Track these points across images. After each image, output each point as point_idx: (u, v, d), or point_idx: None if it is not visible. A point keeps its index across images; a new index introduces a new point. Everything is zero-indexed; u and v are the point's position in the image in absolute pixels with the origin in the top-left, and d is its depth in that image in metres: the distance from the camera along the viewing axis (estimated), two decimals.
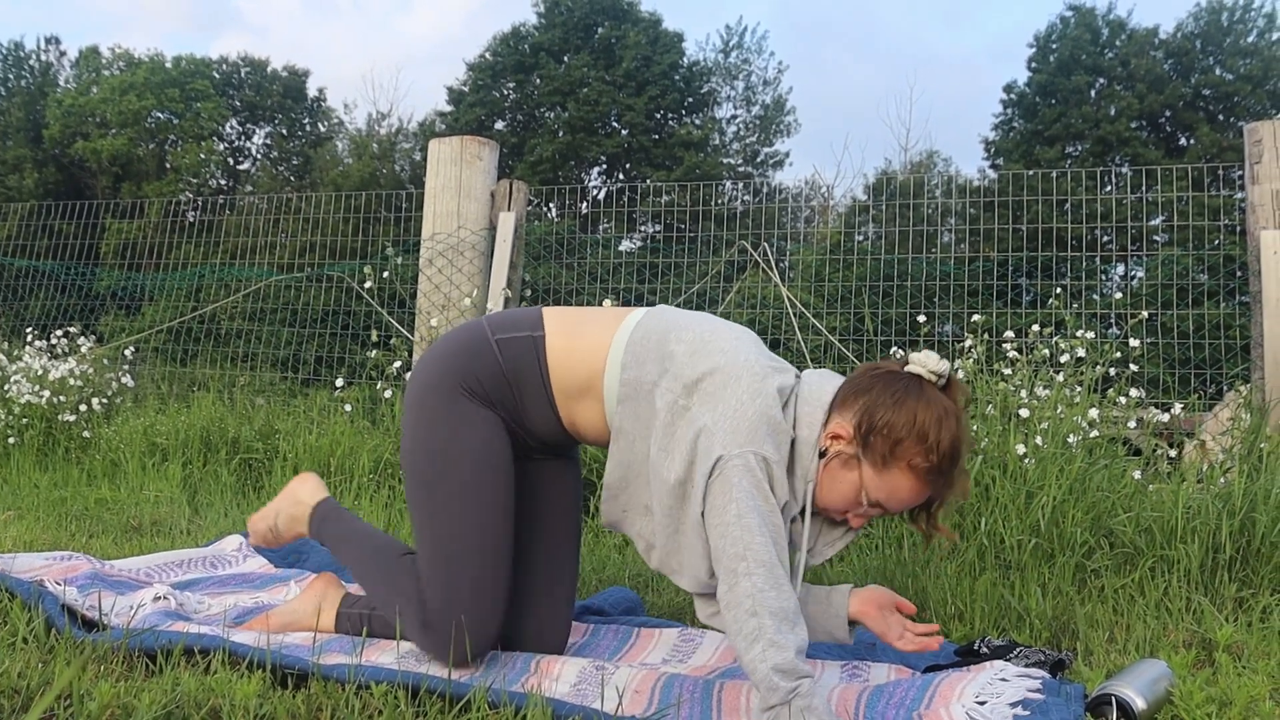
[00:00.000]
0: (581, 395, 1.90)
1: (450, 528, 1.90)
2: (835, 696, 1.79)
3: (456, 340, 1.99)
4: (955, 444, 1.74)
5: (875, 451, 1.74)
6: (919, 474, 1.75)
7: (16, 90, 28.21)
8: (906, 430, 1.72)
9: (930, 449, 1.72)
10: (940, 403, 1.75)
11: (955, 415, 1.75)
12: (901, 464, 1.74)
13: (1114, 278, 8.59)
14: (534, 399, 1.93)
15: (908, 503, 1.79)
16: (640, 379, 1.82)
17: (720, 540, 1.65)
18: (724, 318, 1.94)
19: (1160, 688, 1.82)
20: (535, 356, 1.91)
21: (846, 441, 1.76)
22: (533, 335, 1.93)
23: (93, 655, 1.80)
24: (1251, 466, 3.04)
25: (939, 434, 1.72)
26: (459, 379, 1.93)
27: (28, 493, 4.10)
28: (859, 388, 1.79)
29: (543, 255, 6.29)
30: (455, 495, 1.90)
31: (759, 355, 1.81)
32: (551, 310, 1.98)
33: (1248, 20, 22.71)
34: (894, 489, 1.76)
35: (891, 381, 1.77)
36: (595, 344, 1.89)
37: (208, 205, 8.95)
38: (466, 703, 1.64)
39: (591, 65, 25.58)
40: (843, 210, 20.28)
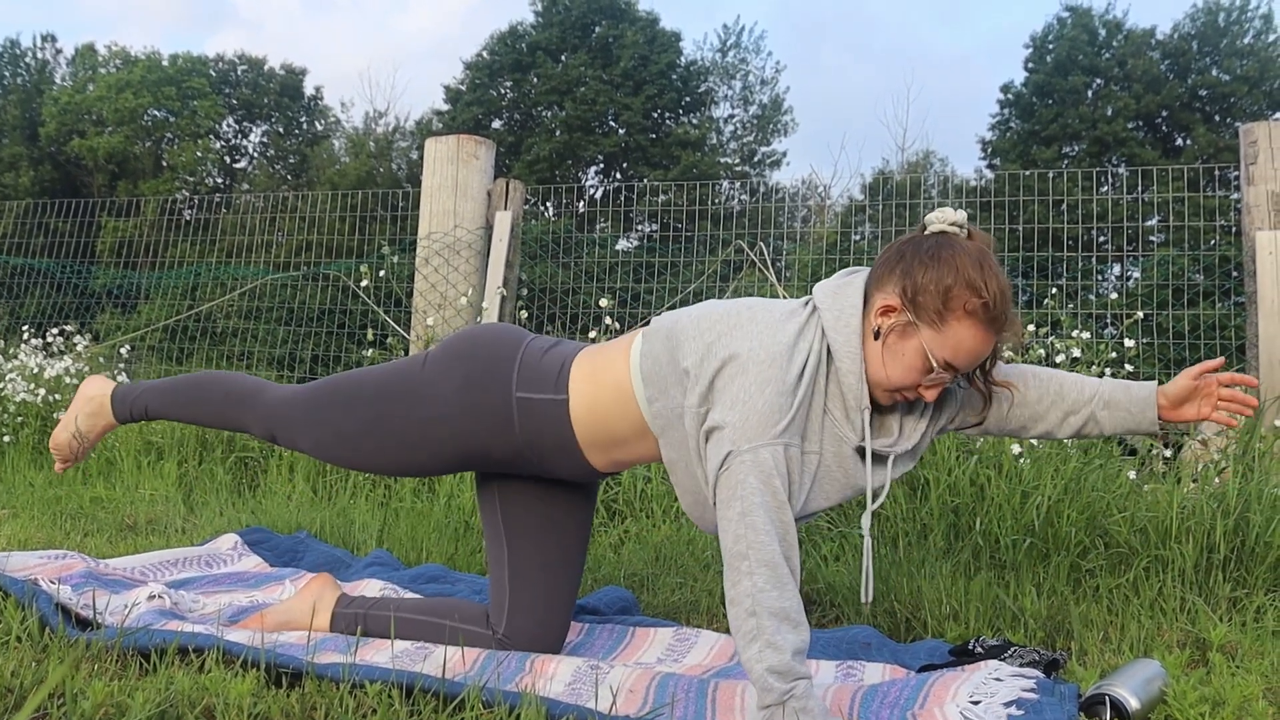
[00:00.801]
0: (618, 445, 1.91)
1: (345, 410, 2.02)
2: (830, 696, 1.79)
3: (485, 367, 1.96)
4: (1001, 282, 1.73)
5: (928, 310, 1.72)
6: (977, 318, 1.72)
7: (12, 88, 28.18)
8: (952, 279, 1.71)
9: (980, 290, 1.71)
10: (973, 248, 1.74)
11: (990, 257, 1.75)
12: (958, 313, 1.72)
13: (1110, 278, 8.60)
14: (562, 452, 1.93)
15: (974, 353, 1.76)
16: (668, 407, 1.79)
17: (725, 536, 1.65)
18: None
19: (1154, 688, 1.83)
20: (558, 421, 1.90)
21: (898, 311, 1.74)
22: (554, 399, 1.90)
23: (86, 654, 1.79)
24: (1246, 467, 3.04)
25: (983, 275, 1.71)
26: (468, 401, 1.93)
27: (22, 491, 4.09)
28: (890, 260, 1.78)
29: (539, 254, 6.29)
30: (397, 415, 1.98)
31: (761, 329, 1.75)
32: (579, 366, 1.93)
33: (1244, 21, 22.75)
34: (959, 341, 1.73)
35: (920, 244, 1.77)
36: (616, 394, 1.87)
37: (204, 203, 8.93)
38: (460, 701, 1.64)
39: (589, 64, 25.59)
40: (839, 210, 20.30)
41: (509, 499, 2.08)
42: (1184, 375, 1.90)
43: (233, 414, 2.18)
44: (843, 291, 1.80)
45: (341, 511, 3.64)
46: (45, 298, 7.47)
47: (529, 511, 2.07)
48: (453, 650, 1.96)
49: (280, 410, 2.10)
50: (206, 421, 2.23)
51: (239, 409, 2.16)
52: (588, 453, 1.92)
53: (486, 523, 2.11)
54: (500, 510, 2.08)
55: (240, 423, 2.17)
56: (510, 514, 2.08)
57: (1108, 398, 1.91)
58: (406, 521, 3.43)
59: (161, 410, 2.28)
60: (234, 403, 2.17)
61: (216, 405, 2.20)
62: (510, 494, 2.08)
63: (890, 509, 3.14)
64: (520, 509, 2.07)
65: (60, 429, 2.39)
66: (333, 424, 2.03)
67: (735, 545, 1.62)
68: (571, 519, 2.10)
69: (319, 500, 3.91)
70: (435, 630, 2.06)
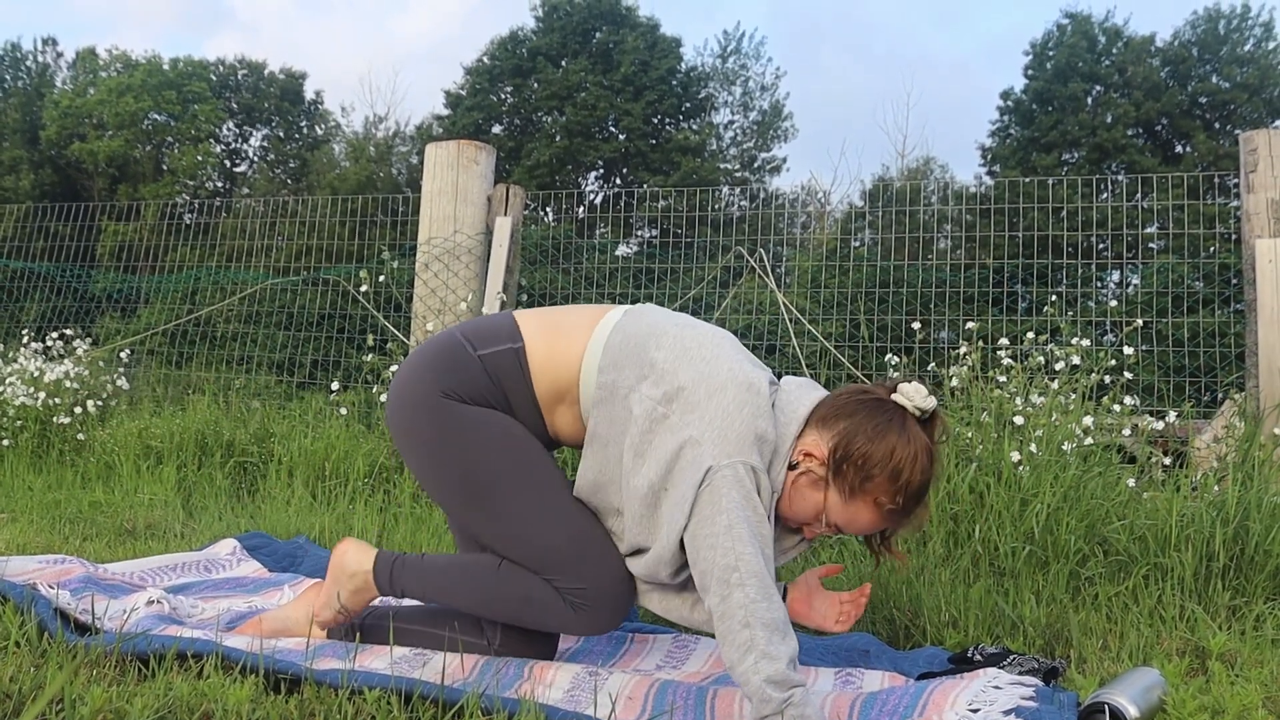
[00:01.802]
0: (559, 400, 1.90)
1: (526, 528, 1.87)
2: (829, 704, 1.79)
3: (434, 354, 1.95)
4: (924, 484, 1.76)
5: (845, 480, 1.75)
6: (881, 510, 1.77)
7: (13, 91, 28.21)
8: (881, 467, 1.73)
9: (900, 489, 1.74)
10: (918, 440, 1.75)
11: (930, 454, 1.76)
12: (868, 498, 1.76)
13: (1109, 285, 8.59)
14: (523, 405, 1.92)
15: (864, 530, 1.82)
16: (617, 383, 1.81)
17: (710, 551, 1.65)
18: (719, 323, 1.95)
19: (1153, 696, 1.83)
20: (519, 367, 1.90)
21: (819, 463, 1.77)
22: (513, 347, 1.91)
23: (85, 659, 1.79)
24: (1245, 475, 3.04)
25: (911, 473, 1.73)
26: (442, 390, 1.90)
27: (21, 495, 4.09)
28: (841, 410, 1.79)
29: (539, 260, 6.29)
30: (509, 497, 1.88)
31: (742, 362, 1.80)
32: (523, 315, 1.96)
33: (1244, 28, 22.79)
34: (854, 517, 1.78)
35: (875, 411, 1.77)
36: (572, 348, 1.88)
37: (204, 208, 8.95)
38: (459, 708, 1.64)
39: (589, 70, 25.61)
40: (839, 216, 20.29)
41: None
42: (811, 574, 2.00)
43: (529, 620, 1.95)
44: (803, 392, 1.85)
45: (340, 517, 3.64)
46: (45, 301, 7.46)
47: None
48: (451, 656, 1.95)
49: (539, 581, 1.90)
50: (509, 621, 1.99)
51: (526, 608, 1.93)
52: (542, 401, 1.91)
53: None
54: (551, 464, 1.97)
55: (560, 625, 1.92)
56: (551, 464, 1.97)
57: None
58: (405, 526, 3.43)
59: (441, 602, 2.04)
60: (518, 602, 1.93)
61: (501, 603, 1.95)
62: None
63: None
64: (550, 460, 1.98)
65: (322, 607, 2.09)
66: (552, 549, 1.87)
67: (724, 559, 1.63)
68: None
69: (318, 506, 3.91)
70: (432, 640, 2.05)
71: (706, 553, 1.65)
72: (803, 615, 1.97)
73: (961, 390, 3.55)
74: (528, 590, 1.90)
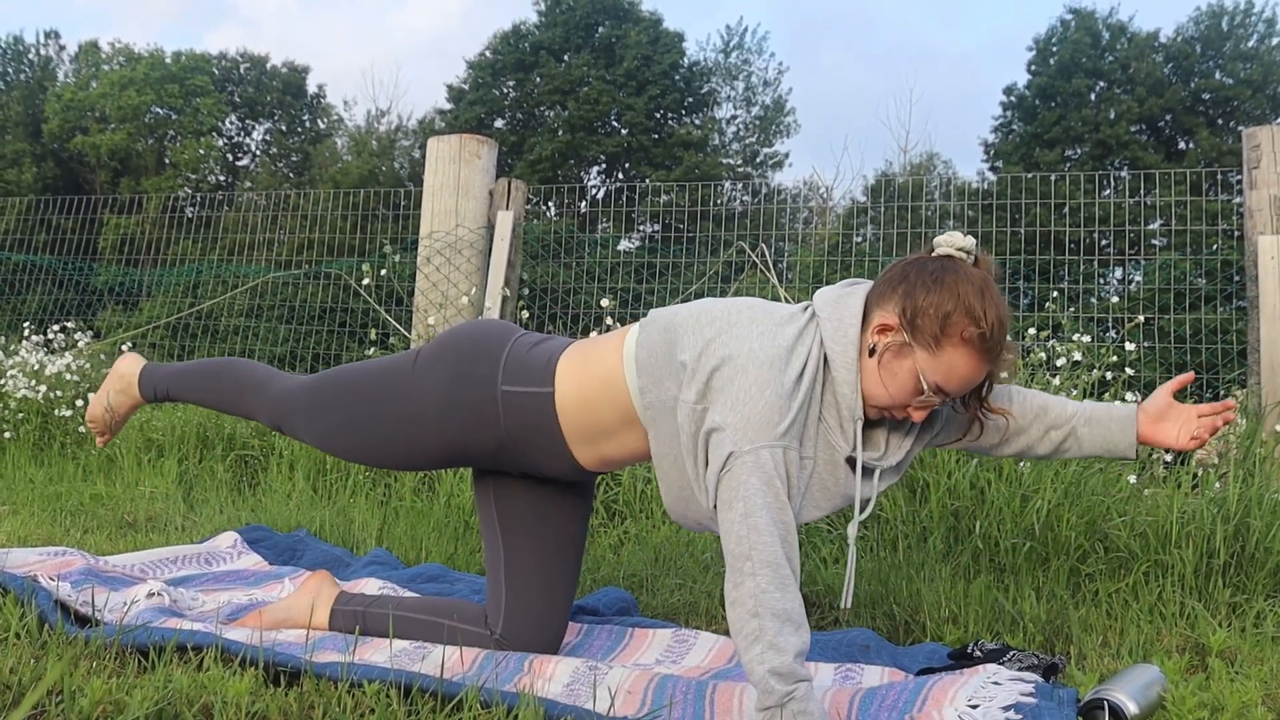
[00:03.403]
0: (605, 437, 1.90)
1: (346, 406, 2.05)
2: (828, 699, 1.79)
3: (472, 364, 1.96)
4: (1000, 312, 1.73)
5: (925, 333, 1.72)
6: (973, 346, 1.72)
7: (16, 84, 28.21)
8: (953, 305, 1.71)
9: (979, 319, 1.71)
10: (977, 276, 1.74)
11: (993, 286, 1.75)
12: (954, 339, 1.72)
13: (1112, 281, 8.59)
14: (547, 448, 1.92)
15: (967, 379, 1.76)
16: (662, 400, 1.79)
17: (726, 537, 1.64)
18: None
19: (1153, 693, 1.83)
20: (543, 415, 1.90)
21: (895, 331, 1.74)
22: (540, 392, 1.90)
23: (85, 651, 1.79)
24: (1246, 472, 3.04)
25: (984, 304, 1.71)
26: (454, 400, 1.94)
27: (23, 488, 4.09)
28: (893, 279, 1.78)
29: (541, 254, 6.28)
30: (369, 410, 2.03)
31: (760, 330, 1.75)
32: (567, 360, 1.93)
33: (1248, 25, 22.74)
34: (952, 367, 1.73)
35: (925, 265, 1.77)
36: (606, 383, 1.87)
37: (206, 201, 8.95)
38: (458, 702, 1.64)
39: (592, 64, 25.59)
40: (841, 211, 20.29)
41: (504, 495, 2.08)
42: (1162, 391, 1.93)
43: (243, 403, 2.24)
44: (844, 301, 1.80)
45: (341, 510, 3.64)
46: (47, 294, 7.47)
47: (524, 508, 2.07)
48: (451, 650, 1.96)
49: (285, 402, 2.15)
50: (219, 407, 2.31)
51: (249, 398, 2.23)
52: (573, 446, 1.92)
53: (483, 520, 2.11)
54: (495, 506, 2.09)
55: (250, 411, 2.23)
56: (505, 510, 2.08)
57: (1089, 415, 1.93)
58: (406, 520, 3.43)
59: (180, 394, 2.36)
60: (245, 392, 2.23)
61: (229, 394, 2.27)
62: (505, 490, 2.08)
63: (890, 511, 3.14)
64: (515, 505, 2.07)
65: (94, 403, 2.48)
66: (330, 417, 2.07)
67: (738, 546, 1.62)
68: (568, 516, 2.10)
69: (319, 499, 3.91)
70: (434, 630, 2.06)
71: (724, 539, 1.65)
72: (1150, 435, 1.91)
73: None
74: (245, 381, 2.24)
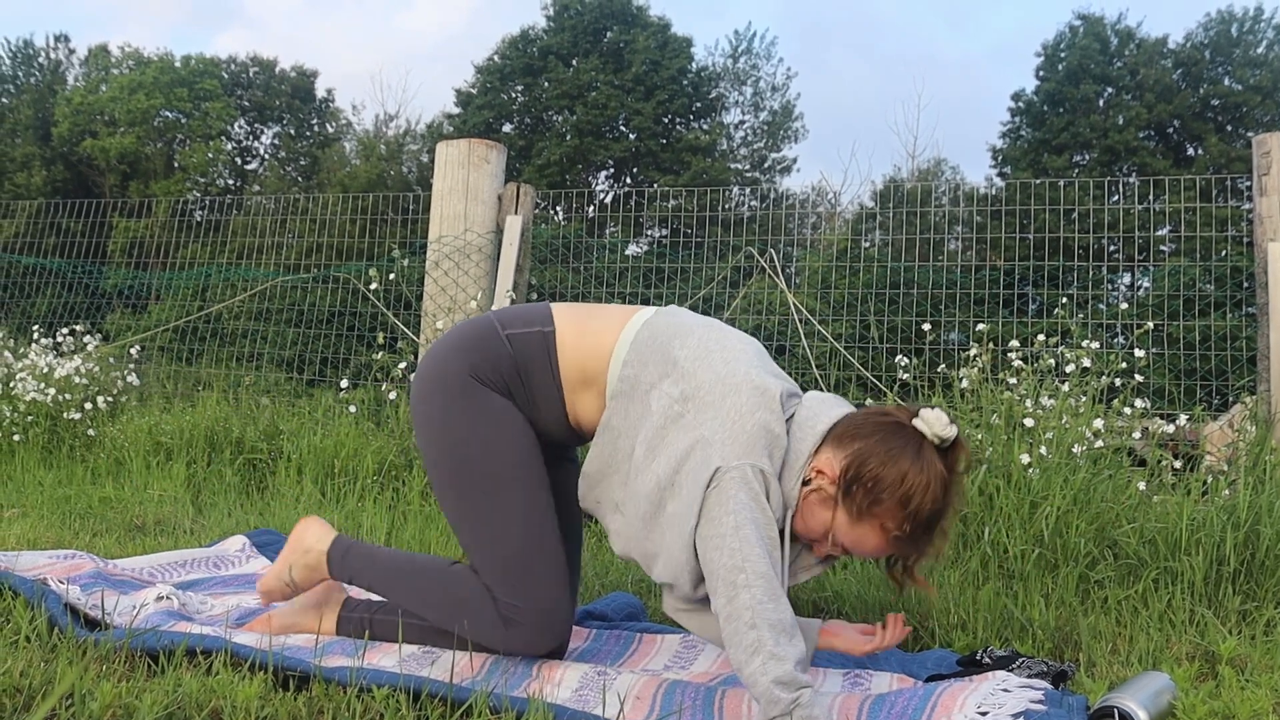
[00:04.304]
0: (586, 386, 1.91)
1: (493, 529, 1.89)
2: (837, 705, 1.78)
3: (464, 333, 1.99)
4: (934, 514, 1.73)
5: (854, 501, 1.73)
6: (887, 536, 1.75)
7: (26, 88, 28.30)
8: (890, 492, 1.71)
9: (908, 516, 1.71)
10: (932, 468, 1.72)
11: (944, 483, 1.73)
12: (875, 523, 1.74)
13: (1120, 287, 8.58)
14: (543, 391, 1.93)
15: (871, 554, 1.80)
16: (639, 377, 1.82)
17: (716, 552, 1.64)
18: (729, 323, 1.95)
19: (1163, 700, 1.82)
20: (545, 351, 1.92)
21: (830, 481, 1.75)
22: (543, 330, 1.94)
23: (95, 655, 1.80)
24: (1257, 479, 3.03)
25: (921, 501, 1.70)
26: (469, 368, 1.93)
27: (32, 490, 4.10)
28: (858, 430, 1.77)
29: (549, 259, 6.28)
30: (489, 493, 1.89)
31: (762, 367, 1.80)
32: (560, 306, 1.99)
33: (1257, 31, 22.70)
34: (861, 540, 1.77)
35: (892, 435, 1.74)
36: (603, 337, 1.90)
37: (215, 205, 8.97)
38: (468, 707, 1.64)
39: (600, 69, 25.61)
40: (850, 217, 20.27)
41: None
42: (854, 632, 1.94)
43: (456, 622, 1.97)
44: (825, 408, 1.82)
45: (350, 514, 3.65)
46: (56, 297, 7.49)
47: None
48: (460, 655, 1.96)
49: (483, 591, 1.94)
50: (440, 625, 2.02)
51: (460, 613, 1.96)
52: (565, 389, 1.92)
53: None
54: None
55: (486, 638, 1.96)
56: None
57: None
58: (414, 524, 3.43)
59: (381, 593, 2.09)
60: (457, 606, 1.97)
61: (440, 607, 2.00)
62: None
63: None
64: None
65: (272, 577, 2.15)
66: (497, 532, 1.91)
67: (730, 559, 1.62)
68: (561, 497, 2.08)
69: (327, 502, 3.91)
70: (442, 635, 2.05)
71: (713, 554, 1.65)
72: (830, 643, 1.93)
73: (971, 392, 3.54)
74: (466, 595, 1.94)
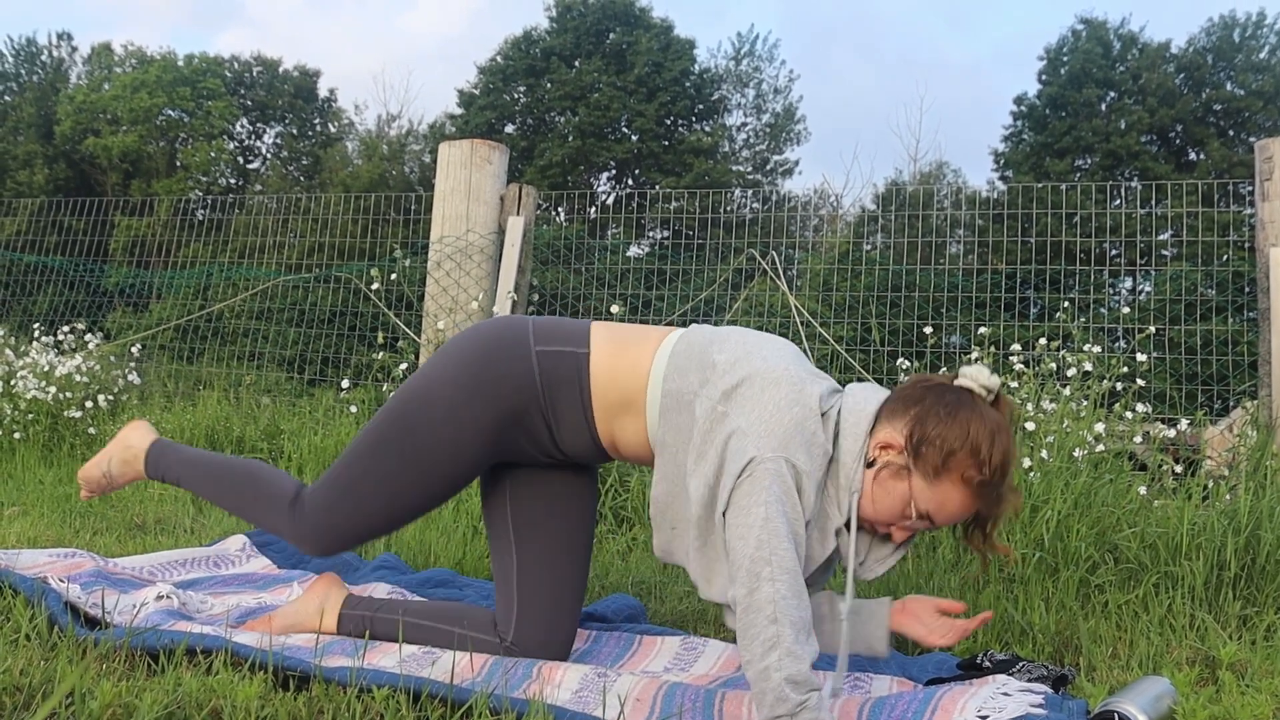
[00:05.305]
0: (624, 410, 1.89)
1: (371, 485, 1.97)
2: (837, 708, 1.78)
3: (498, 334, 1.96)
4: (1006, 459, 1.73)
5: (927, 462, 1.72)
6: (970, 487, 1.73)
7: (28, 86, 28.30)
8: (960, 442, 1.71)
9: (983, 462, 1.71)
10: (992, 417, 1.74)
11: (1006, 431, 1.74)
12: (954, 476, 1.72)
13: (1122, 292, 8.57)
14: (570, 414, 1.91)
15: (955, 516, 1.77)
16: (682, 389, 1.80)
17: (741, 542, 1.64)
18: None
19: (1163, 705, 1.82)
20: (577, 373, 1.89)
21: (897, 451, 1.74)
22: (576, 352, 1.91)
23: (95, 654, 1.80)
24: (1258, 484, 3.03)
25: (991, 448, 1.71)
26: (486, 370, 1.91)
27: (32, 489, 4.10)
28: (910, 398, 1.78)
29: (551, 260, 6.29)
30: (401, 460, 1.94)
31: (800, 366, 1.80)
32: (600, 326, 1.96)
33: (1260, 36, 22.69)
34: (944, 501, 1.74)
35: (943, 394, 1.76)
36: (639, 359, 1.88)
37: (217, 204, 8.98)
38: (468, 708, 1.64)
39: (603, 70, 25.61)
40: (851, 220, 20.28)
41: (518, 494, 2.07)
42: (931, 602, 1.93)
43: (262, 516, 2.09)
44: (869, 395, 1.82)
45: None
46: (58, 295, 7.49)
47: (537, 510, 2.06)
48: (460, 655, 1.96)
49: (313, 513, 2.01)
50: (231, 511, 2.17)
51: (268, 512, 2.07)
52: (596, 411, 1.90)
53: (493, 527, 2.10)
54: (510, 507, 2.07)
55: (271, 526, 2.08)
56: (518, 512, 2.07)
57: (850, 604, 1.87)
58: (414, 525, 3.43)
59: (190, 487, 2.22)
60: (262, 503, 2.09)
61: (245, 501, 2.12)
62: (519, 490, 2.07)
63: None
64: (527, 506, 2.06)
65: (93, 465, 2.31)
66: (365, 488, 1.97)
67: (757, 550, 1.61)
68: (576, 520, 2.09)
69: None
70: (443, 636, 2.06)
71: (738, 543, 1.64)
72: (902, 624, 1.92)
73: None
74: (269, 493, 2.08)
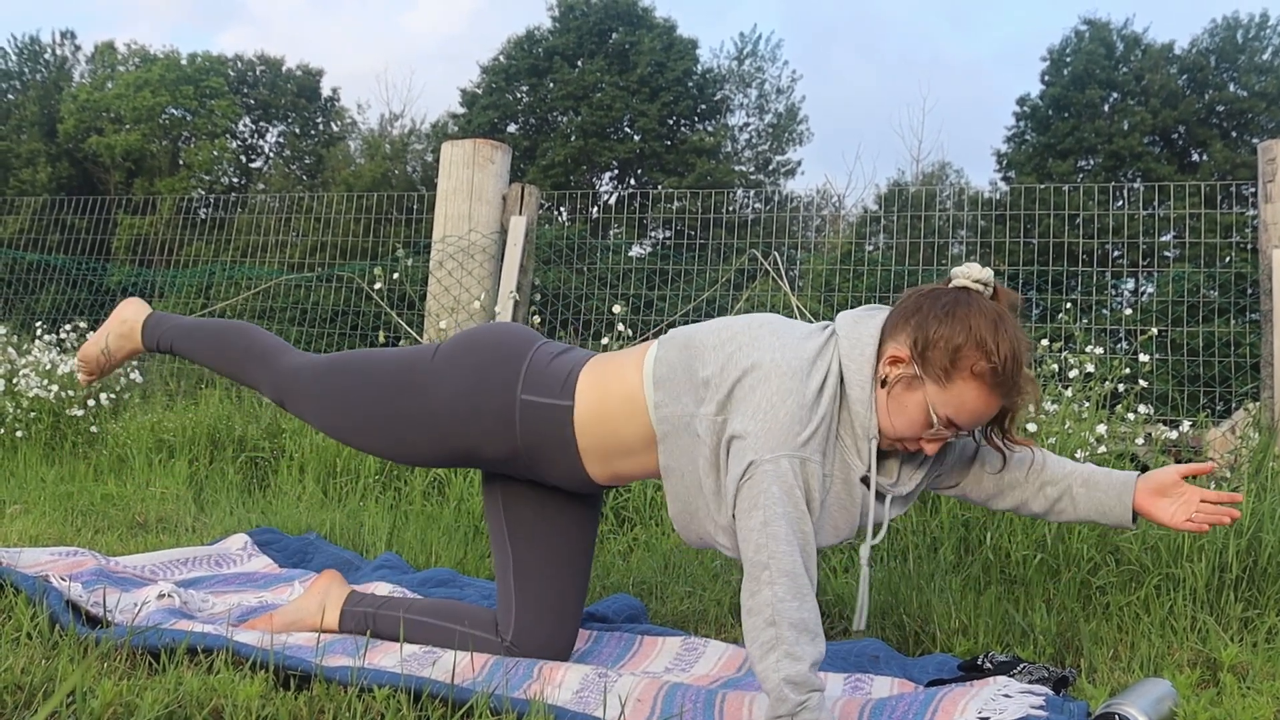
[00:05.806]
0: (623, 455, 1.88)
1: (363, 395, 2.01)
2: (838, 709, 1.78)
3: (496, 359, 1.95)
4: (1015, 345, 1.70)
5: (935, 366, 1.70)
6: (984, 381, 1.69)
7: (31, 84, 28.34)
8: (964, 337, 1.68)
9: (990, 352, 1.68)
10: (991, 308, 1.72)
11: (1009, 318, 1.72)
12: (964, 372, 1.69)
13: (1124, 293, 8.57)
14: (558, 459, 1.91)
15: (978, 414, 1.73)
16: (676, 415, 1.78)
17: (744, 545, 1.64)
18: None
19: (1164, 707, 1.82)
20: (561, 428, 1.88)
21: (905, 363, 1.72)
22: (559, 404, 1.88)
23: (96, 653, 1.80)
24: (1260, 486, 3.02)
25: (996, 338, 1.68)
26: (466, 401, 1.92)
27: (34, 487, 4.10)
28: (908, 309, 1.76)
29: (553, 259, 6.29)
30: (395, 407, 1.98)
31: (782, 343, 1.75)
32: (587, 372, 1.91)
33: (1263, 37, 22.69)
34: (962, 401, 1.71)
35: (939, 296, 1.74)
36: (628, 399, 1.85)
37: (219, 203, 8.99)
38: (469, 708, 1.64)
39: (605, 70, 25.62)
40: (853, 220, 20.29)
41: (513, 501, 2.07)
42: (1172, 469, 1.88)
43: (248, 371, 2.19)
44: (862, 323, 1.79)
45: (351, 514, 3.65)
46: (60, 294, 7.50)
47: (533, 514, 2.06)
48: (461, 655, 1.96)
49: (293, 381, 2.11)
50: (221, 371, 2.26)
51: (255, 368, 2.17)
52: (587, 461, 1.90)
53: (492, 527, 2.11)
54: (504, 512, 2.07)
55: (253, 381, 2.19)
56: (514, 516, 2.07)
57: (1087, 476, 1.90)
58: (416, 524, 3.43)
59: (184, 350, 2.29)
60: (252, 360, 2.18)
61: (235, 359, 2.21)
62: (514, 496, 2.07)
63: (900, 522, 3.13)
64: (524, 511, 2.06)
65: (90, 344, 2.41)
66: (339, 401, 2.04)
67: (757, 555, 1.62)
68: (577, 522, 2.09)
69: (329, 502, 3.92)
70: (444, 635, 2.06)
71: (743, 546, 1.65)
72: (1146, 507, 1.87)
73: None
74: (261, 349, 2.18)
